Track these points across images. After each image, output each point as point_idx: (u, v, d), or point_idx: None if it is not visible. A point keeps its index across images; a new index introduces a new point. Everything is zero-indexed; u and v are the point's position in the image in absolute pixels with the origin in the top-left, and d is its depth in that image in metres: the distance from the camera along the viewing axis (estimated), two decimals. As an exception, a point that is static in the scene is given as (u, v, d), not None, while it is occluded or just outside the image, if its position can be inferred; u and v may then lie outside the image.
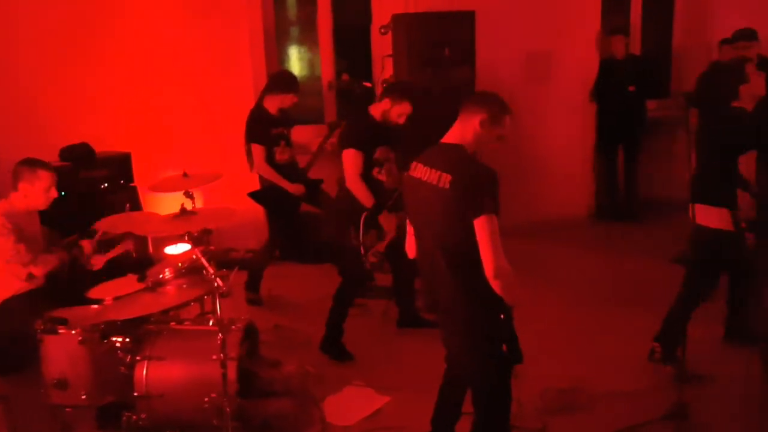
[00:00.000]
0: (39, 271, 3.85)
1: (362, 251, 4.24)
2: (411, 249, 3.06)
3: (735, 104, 3.89)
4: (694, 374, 3.88)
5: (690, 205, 3.87)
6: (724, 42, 6.30)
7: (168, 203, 4.12)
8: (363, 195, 4.30)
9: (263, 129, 5.21)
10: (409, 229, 3.04)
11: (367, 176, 4.35)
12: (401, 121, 4.40)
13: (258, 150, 5.19)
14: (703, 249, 3.98)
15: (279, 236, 5.52)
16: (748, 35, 5.85)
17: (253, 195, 5.24)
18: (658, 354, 4.12)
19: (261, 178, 5.30)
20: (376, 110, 4.43)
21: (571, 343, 4.54)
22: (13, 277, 3.83)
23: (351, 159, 4.31)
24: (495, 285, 2.64)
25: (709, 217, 3.84)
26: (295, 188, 5.23)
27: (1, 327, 3.72)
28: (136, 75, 5.83)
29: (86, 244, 4.02)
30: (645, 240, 6.58)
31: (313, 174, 5.55)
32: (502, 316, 2.75)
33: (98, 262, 4.06)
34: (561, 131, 6.89)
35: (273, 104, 5.25)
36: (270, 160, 5.22)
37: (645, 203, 7.21)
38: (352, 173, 4.31)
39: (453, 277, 2.77)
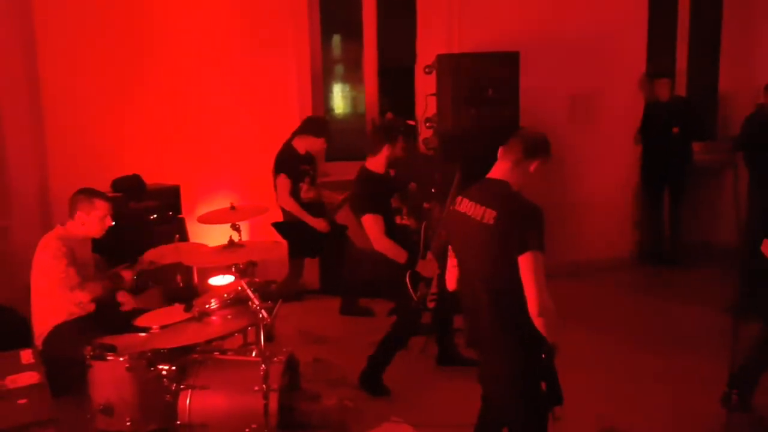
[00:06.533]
0: (85, 297, 3.95)
1: (421, 306, 4.29)
2: (451, 281, 3.06)
3: None
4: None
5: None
6: None
7: (214, 235, 4.21)
8: (394, 253, 4.38)
9: (291, 163, 5.37)
10: (451, 261, 3.04)
11: (391, 229, 4.41)
12: (404, 153, 4.59)
13: (284, 182, 5.36)
14: None
15: (296, 268, 5.68)
16: None
17: (277, 226, 5.35)
18: (735, 401, 3.90)
19: (284, 212, 5.42)
20: (377, 164, 4.51)
21: (612, 387, 4.46)
22: (65, 303, 3.94)
23: (372, 223, 4.39)
24: (538, 323, 2.63)
25: None
26: (317, 223, 5.34)
27: (53, 351, 3.83)
28: (186, 110, 5.98)
29: (126, 274, 4.12)
30: (689, 285, 6.45)
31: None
32: (543, 355, 2.74)
33: (127, 301, 4.16)
34: (605, 172, 6.86)
35: (302, 145, 5.43)
36: (296, 195, 5.36)
37: (689, 247, 7.08)
38: (377, 236, 4.39)
39: (495, 314, 2.77)
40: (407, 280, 4.27)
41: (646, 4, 6.80)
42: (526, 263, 2.62)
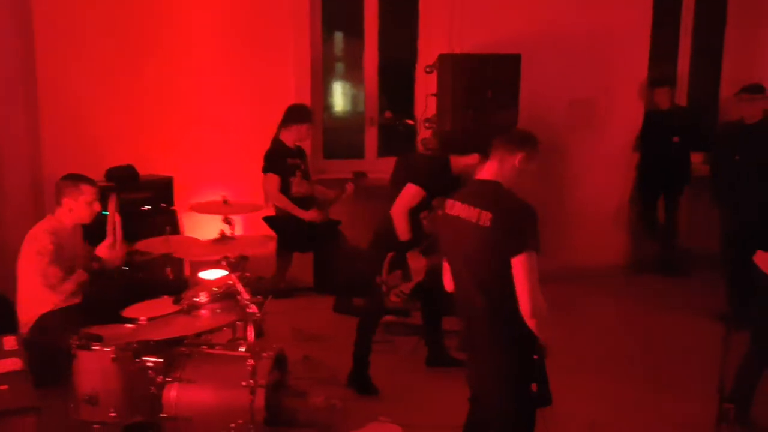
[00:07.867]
0: (66, 292, 3.93)
1: (384, 289, 4.22)
2: (449, 283, 3.04)
3: None
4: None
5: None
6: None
7: (205, 229, 4.18)
8: (403, 227, 4.30)
9: (279, 159, 5.38)
10: (446, 265, 3.03)
11: (414, 215, 4.36)
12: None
13: (272, 179, 5.36)
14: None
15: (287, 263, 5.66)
16: (751, 89, 5.66)
17: (267, 219, 5.34)
18: (732, 416, 3.75)
19: (276, 208, 5.41)
20: (458, 165, 4.33)
21: (604, 393, 4.44)
22: (50, 295, 3.92)
23: (411, 194, 4.30)
24: (531, 323, 2.62)
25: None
26: (309, 215, 5.32)
27: (38, 340, 3.80)
28: (182, 103, 5.96)
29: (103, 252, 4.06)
30: (683, 293, 6.43)
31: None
32: (535, 357, 2.73)
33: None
34: (603, 178, 6.83)
35: (289, 137, 5.41)
36: (286, 191, 5.34)
37: (686, 256, 7.03)
38: (404, 206, 4.30)
39: (490, 315, 2.76)
40: (387, 258, 4.19)
41: (650, 10, 6.78)
42: (519, 264, 2.61)
